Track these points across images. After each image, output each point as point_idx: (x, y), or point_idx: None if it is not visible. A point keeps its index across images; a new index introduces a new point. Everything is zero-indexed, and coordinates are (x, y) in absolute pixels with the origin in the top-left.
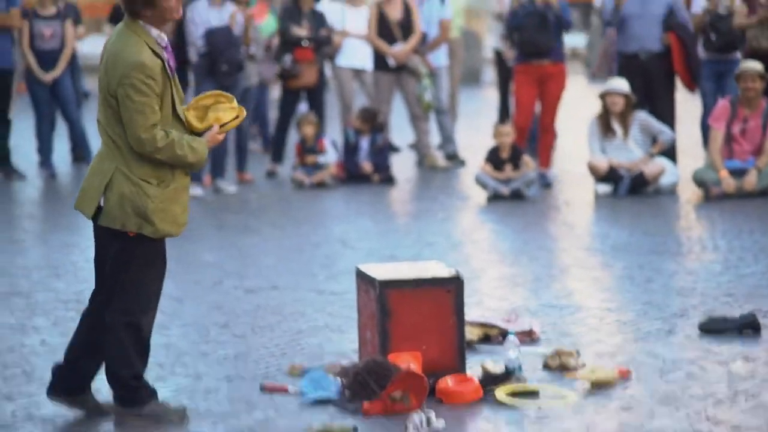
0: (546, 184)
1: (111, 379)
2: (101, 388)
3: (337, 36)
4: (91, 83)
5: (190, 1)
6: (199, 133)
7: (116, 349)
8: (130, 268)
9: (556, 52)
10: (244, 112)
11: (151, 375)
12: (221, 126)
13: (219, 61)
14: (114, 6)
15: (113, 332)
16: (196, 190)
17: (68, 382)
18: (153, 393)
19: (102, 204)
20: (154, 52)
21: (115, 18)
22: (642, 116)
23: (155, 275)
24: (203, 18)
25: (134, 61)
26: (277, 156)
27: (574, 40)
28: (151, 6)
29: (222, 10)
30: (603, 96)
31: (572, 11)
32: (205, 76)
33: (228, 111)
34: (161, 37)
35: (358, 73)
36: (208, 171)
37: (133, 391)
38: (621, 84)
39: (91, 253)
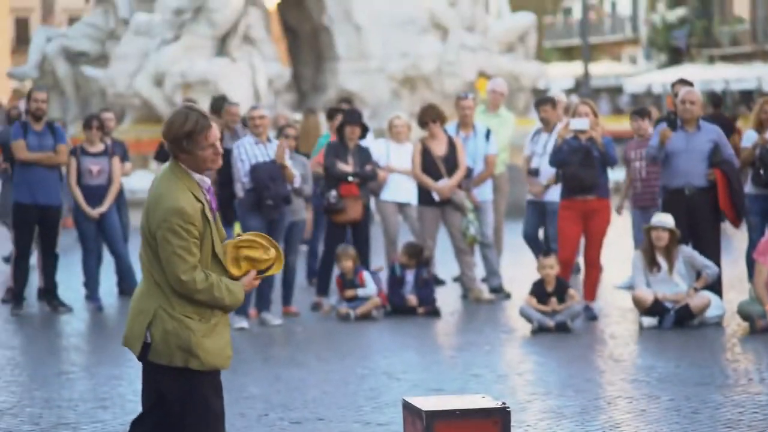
0: (591, 317)
1: None
2: None
3: (382, 171)
4: (136, 218)
5: (237, 138)
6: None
7: None
8: (191, 405)
9: (600, 187)
10: (281, 260)
11: None
12: (259, 272)
13: (264, 197)
14: (160, 143)
15: None
16: (242, 323)
17: None
18: None
19: (149, 341)
20: (194, 195)
21: (161, 155)
22: (687, 251)
23: (214, 411)
24: (249, 154)
25: (173, 207)
26: (323, 289)
27: (615, 175)
28: (186, 153)
29: (268, 147)
30: (648, 230)
31: (616, 147)
32: (251, 211)
33: (260, 251)
34: (203, 180)
35: (402, 207)
36: (253, 304)
37: None
38: (666, 219)
39: (138, 385)
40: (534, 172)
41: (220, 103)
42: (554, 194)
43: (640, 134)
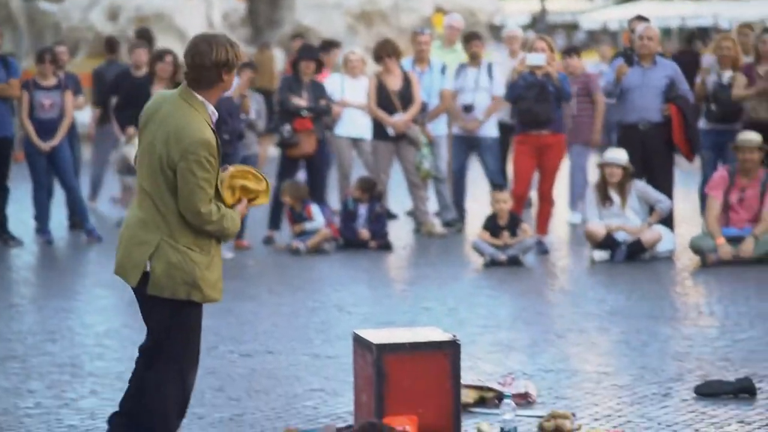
0: (543, 251)
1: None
2: None
3: (336, 106)
4: (88, 152)
5: None
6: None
7: (159, 407)
8: (179, 333)
9: (555, 123)
10: (269, 191)
11: None
12: (249, 201)
13: (220, 131)
14: (115, 76)
15: (158, 389)
16: None
17: (125, 430)
18: None
19: (148, 271)
20: (210, 127)
21: (115, 89)
22: (640, 185)
23: (197, 338)
24: None
25: (200, 139)
26: (275, 223)
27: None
28: (219, 81)
29: None
30: (601, 166)
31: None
32: None
33: (254, 182)
34: (214, 113)
35: (356, 142)
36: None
37: None
38: (620, 155)
39: (88, 319)
40: (468, 108)
41: None
42: (489, 129)
43: (570, 72)
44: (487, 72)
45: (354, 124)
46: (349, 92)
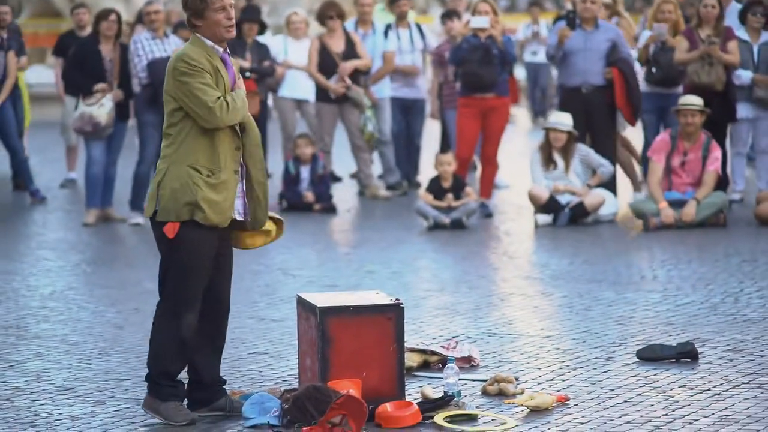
0: (487, 214)
1: (147, 375)
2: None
3: (280, 67)
4: (32, 113)
5: (131, 33)
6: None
7: (155, 346)
8: (178, 256)
9: (499, 86)
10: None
11: (90, 400)
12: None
13: (161, 92)
14: (60, 37)
15: (156, 331)
16: (137, 219)
17: (202, 394)
18: (177, 395)
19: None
20: (208, 58)
21: (60, 50)
22: (583, 149)
23: (199, 272)
24: (146, 50)
25: (177, 56)
26: None
27: (516, 74)
28: (200, 17)
29: (165, 42)
30: (546, 130)
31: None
32: (148, 107)
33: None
34: (216, 48)
35: (300, 103)
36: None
37: (158, 387)
38: (564, 120)
39: (33, 281)
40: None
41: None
42: (419, 91)
43: (452, 35)
44: (419, 32)
45: (297, 85)
46: (293, 54)
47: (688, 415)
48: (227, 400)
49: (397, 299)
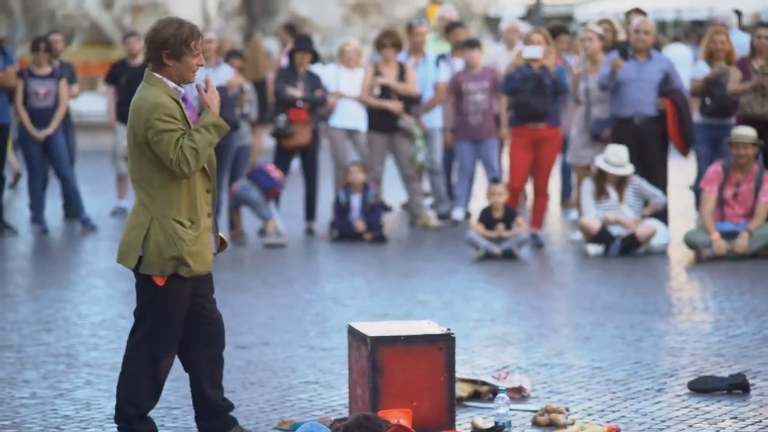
0: (538, 244)
1: (117, 411)
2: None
3: (332, 97)
4: (83, 141)
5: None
6: None
7: (130, 385)
8: (160, 311)
9: (552, 116)
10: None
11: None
12: None
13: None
14: (112, 65)
15: (131, 367)
16: None
17: (216, 426)
18: (152, 431)
19: (141, 254)
20: (172, 98)
21: (112, 78)
22: (636, 180)
23: (176, 323)
24: (198, 78)
25: (153, 103)
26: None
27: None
28: (175, 59)
29: (217, 70)
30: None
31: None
32: None
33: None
34: (178, 89)
35: (351, 133)
36: None
37: (132, 428)
38: (621, 160)
39: (83, 309)
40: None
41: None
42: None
43: (472, 65)
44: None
45: (349, 115)
46: (345, 83)
47: None
48: (238, 429)
49: (448, 329)
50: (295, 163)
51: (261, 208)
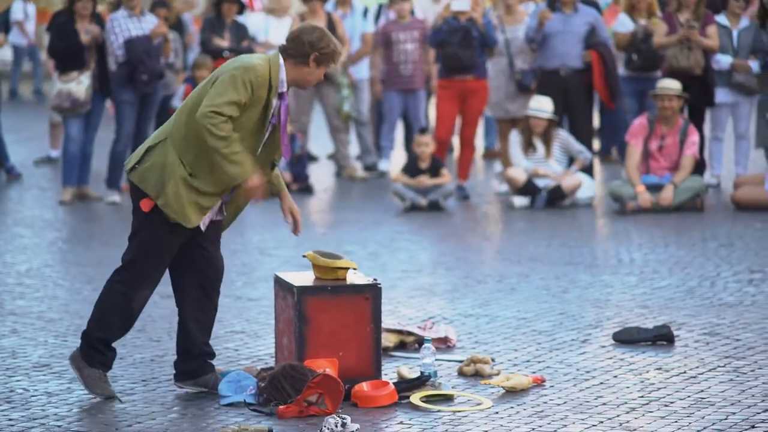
0: (464, 196)
1: (84, 333)
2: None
3: (259, 47)
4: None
5: (111, 11)
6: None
7: (102, 309)
8: (146, 231)
9: (479, 67)
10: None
11: (66, 376)
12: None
13: (138, 71)
14: (53, 14)
15: (107, 295)
16: (114, 197)
17: (190, 368)
18: (105, 363)
19: (137, 165)
20: (271, 86)
21: (51, 26)
22: (563, 135)
23: (159, 258)
24: (122, 28)
25: (249, 63)
26: None
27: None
28: (316, 62)
29: (142, 20)
30: (526, 116)
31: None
32: (125, 85)
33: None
34: (284, 84)
35: None
36: (125, 179)
37: (91, 351)
38: (545, 106)
39: (9, 257)
40: None
41: None
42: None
43: (401, 16)
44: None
45: None
46: (273, 32)
47: (663, 397)
48: (213, 377)
49: (374, 279)
50: None
51: None
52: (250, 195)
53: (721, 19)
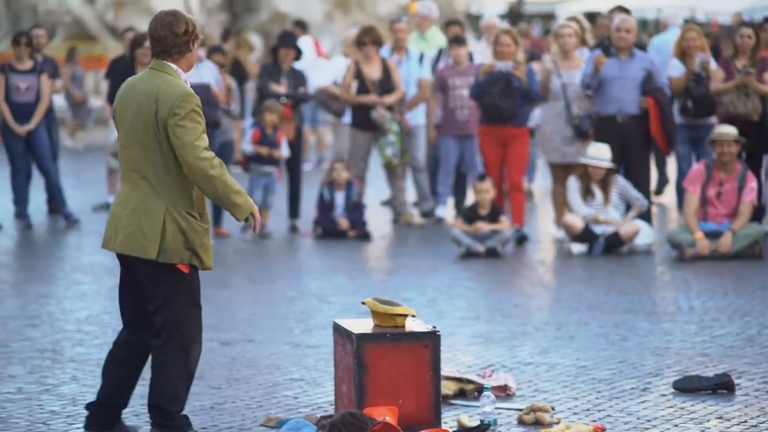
0: (523, 238)
1: (158, 411)
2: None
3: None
4: (64, 137)
5: None
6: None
7: (167, 384)
8: (182, 301)
9: (519, 117)
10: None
11: (128, 424)
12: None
13: None
14: (111, 61)
15: (165, 368)
16: None
17: (105, 419)
18: (190, 424)
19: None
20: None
21: (111, 73)
22: (621, 182)
23: (198, 310)
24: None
25: (184, 92)
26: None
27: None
28: (188, 52)
29: (200, 67)
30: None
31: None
32: None
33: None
34: (187, 81)
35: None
36: None
37: (174, 424)
38: (604, 154)
39: (68, 304)
40: None
41: None
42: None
43: (458, 62)
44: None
45: None
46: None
47: None
48: (124, 427)
49: (433, 327)
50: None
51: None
52: (257, 224)
53: None
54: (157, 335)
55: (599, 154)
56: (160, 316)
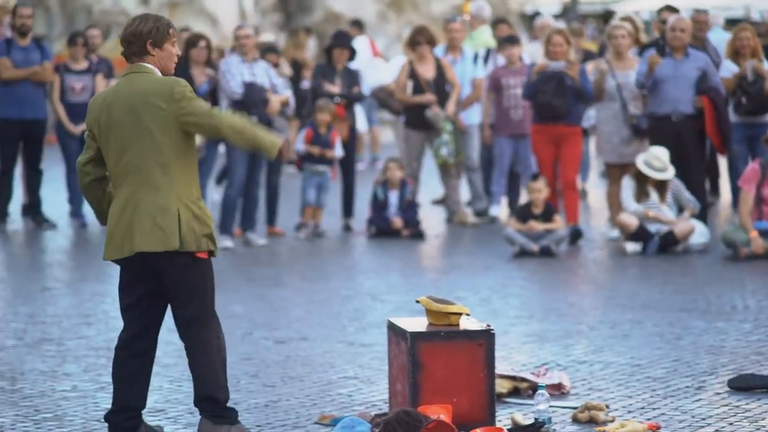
0: (579, 235)
1: (211, 402)
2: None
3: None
4: None
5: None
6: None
7: (212, 374)
8: (209, 290)
9: (572, 115)
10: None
11: (181, 422)
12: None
13: (251, 114)
14: None
15: (204, 357)
16: (226, 242)
17: (126, 423)
18: (237, 412)
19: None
20: None
21: None
22: (675, 182)
23: (213, 294)
24: (234, 72)
25: (171, 79)
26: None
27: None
28: (160, 48)
29: (254, 66)
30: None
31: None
32: None
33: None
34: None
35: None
36: (238, 224)
37: (225, 411)
38: (665, 165)
39: None
40: None
41: None
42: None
43: (512, 62)
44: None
45: None
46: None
47: None
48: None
49: (488, 325)
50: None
51: (324, 194)
52: (286, 155)
53: None
54: (188, 328)
55: (659, 164)
56: (190, 310)
